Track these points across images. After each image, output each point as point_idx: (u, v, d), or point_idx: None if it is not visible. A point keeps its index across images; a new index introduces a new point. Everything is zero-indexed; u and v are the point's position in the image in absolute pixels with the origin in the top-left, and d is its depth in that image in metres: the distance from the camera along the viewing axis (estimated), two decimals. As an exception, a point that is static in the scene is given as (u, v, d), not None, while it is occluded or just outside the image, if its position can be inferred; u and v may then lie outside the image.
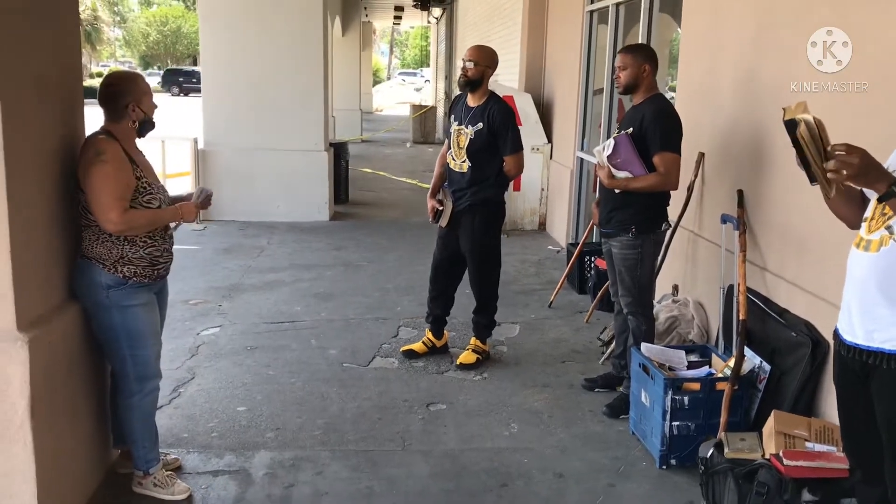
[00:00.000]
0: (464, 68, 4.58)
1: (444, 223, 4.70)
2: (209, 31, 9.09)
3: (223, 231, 8.55)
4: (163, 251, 3.16)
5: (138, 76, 3.19)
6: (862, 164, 2.10)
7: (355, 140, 18.97)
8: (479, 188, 4.59)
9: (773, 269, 3.86)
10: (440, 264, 4.88)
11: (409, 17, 28.76)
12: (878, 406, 2.39)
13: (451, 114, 4.81)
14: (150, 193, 3.08)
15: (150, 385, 3.19)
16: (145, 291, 3.11)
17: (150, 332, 3.13)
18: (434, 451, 3.73)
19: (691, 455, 3.48)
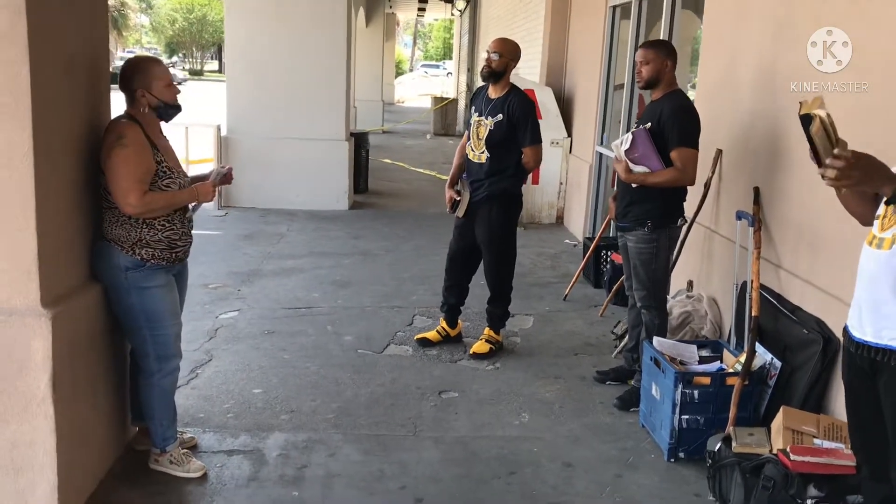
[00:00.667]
0: (488, 59, 4.61)
1: (461, 213, 4.74)
2: (234, 20, 9.19)
3: (244, 217, 8.64)
4: (181, 234, 3.21)
5: (151, 61, 3.20)
6: (864, 171, 2.11)
7: (376, 131, 19.04)
8: (496, 179, 4.62)
9: (787, 267, 3.87)
10: (456, 254, 4.93)
11: (432, 10, 28.74)
12: (885, 403, 2.41)
13: (471, 105, 4.85)
14: (169, 177, 3.14)
15: (170, 365, 3.26)
16: (163, 273, 3.17)
17: (168, 313, 3.20)
18: (445, 438, 3.78)
19: (699, 449, 3.51)
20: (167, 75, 3.18)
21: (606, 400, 4.26)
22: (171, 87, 3.17)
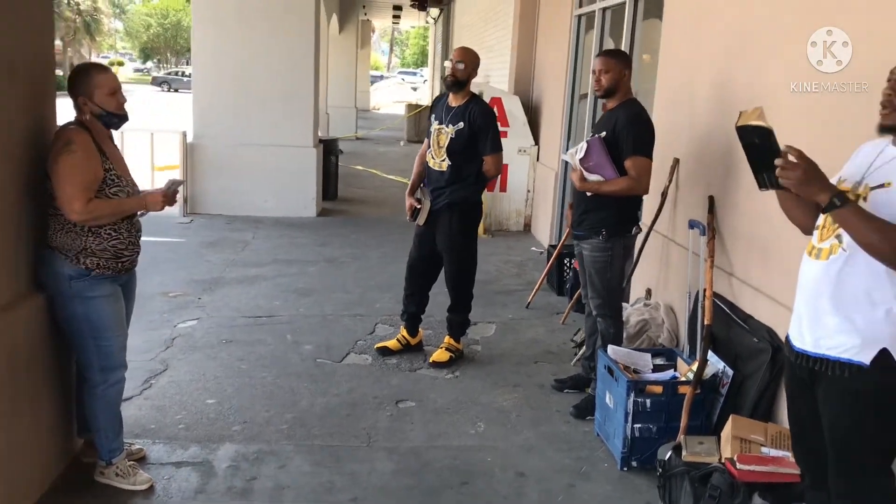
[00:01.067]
0: (453, 68, 4.62)
1: (422, 221, 4.73)
2: (201, 26, 9.13)
3: (209, 224, 8.57)
4: (128, 244, 3.16)
5: (94, 69, 3.15)
6: (805, 175, 2.13)
7: (349, 137, 19.00)
8: (457, 187, 4.63)
9: (739, 275, 3.90)
10: (416, 262, 4.91)
11: (407, 17, 28.81)
12: (823, 412, 2.43)
13: (431, 113, 4.85)
14: (117, 185, 3.10)
15: (115, 376, 3.21)
16: (109, 283, 3.12)
17: (113, 324, 3.15)
18: (399, 448, 3.75)
19: (652, 457, 3.52)
20: (111, 83, 3.11)
21: (563, 408, 4.26)
22: (116, 95, 3.12)
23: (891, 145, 2.33)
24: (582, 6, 7.63)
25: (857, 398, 2.30)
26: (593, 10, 7.10)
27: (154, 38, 61.73)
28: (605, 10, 6.84)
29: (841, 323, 2.31)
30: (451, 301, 4.92)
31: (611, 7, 6.72)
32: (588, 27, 7.53)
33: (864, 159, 2.41)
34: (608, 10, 6.81)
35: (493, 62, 12.16)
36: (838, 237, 2.32)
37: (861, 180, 2.35)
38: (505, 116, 8.81)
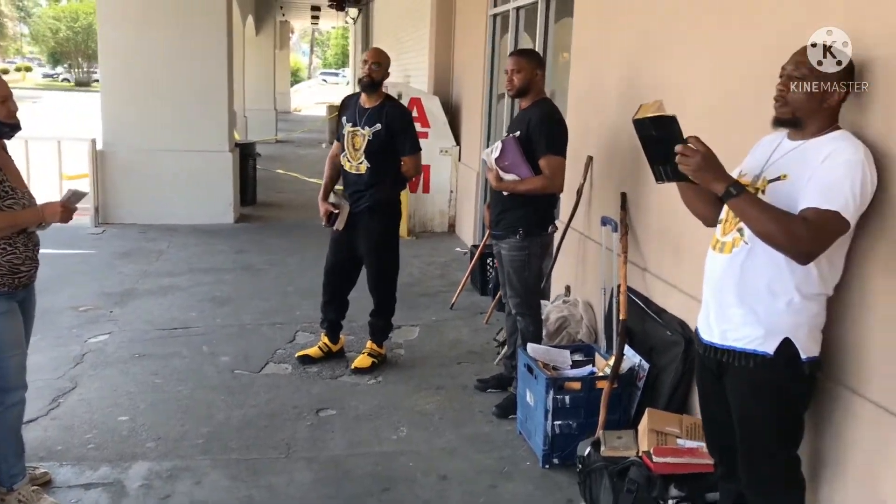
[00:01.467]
0: (369, 69, 4.55)
1: (342, 226, 4.65)
2: (108, 28, 8.80)
3: (122, 234, 8.28)
4: (24, 259, 3.01)
5: None
6: (703, 162, 2.17)
7: (269, 140, 18.70)
8: (377, 189, 4.57)
9: (652, 270, 3.96)
10: (334, 268, 4.83)
11: (326, 18, 28.52)
12: (731, 402, 2.48)
13: (342, 115, 4.76)
14: (11, 198, 2.95)
15: (12, 397, 3.05)
16: (4, 300, 2.97)
17: (9, 343, 2.99)
18: (319, 458, 3.68)
19: (573, 454, 3.54)
20: (1, 91, 2.96)
21: (486, 409, 4.26)
22: (6, 103, 2.97)
23: (787, 139, 2.39)
24: (497, 6, 7.67)
25: (763, 388, 2.36)
26: (507, 10, 7.14)
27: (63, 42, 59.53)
28: (519, 9, 6.89)
29: (745, 315, 2.36)
30: (374, 305, 4.86)
31: (524, 6, 6.77)
32: (504, 27, 7.57)
33: (762, 153, 2.48)
34: (522, 9, 6.86)
35: (413, 63, 12.14)
36: (740, 230, 2.38)
37: (760, 174, 2.41)
38: (425, 117, 8.80)
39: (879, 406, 2.33)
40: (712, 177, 2.20)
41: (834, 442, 2.51)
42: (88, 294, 6.10)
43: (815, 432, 2.55)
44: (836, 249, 2.25)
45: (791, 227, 2.13)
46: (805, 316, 2.29)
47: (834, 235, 2.17)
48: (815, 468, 2.58)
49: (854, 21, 2.40)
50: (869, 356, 2.37)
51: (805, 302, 2.28)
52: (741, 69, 3.14)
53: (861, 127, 2.35)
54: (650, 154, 2.30)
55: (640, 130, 2.27)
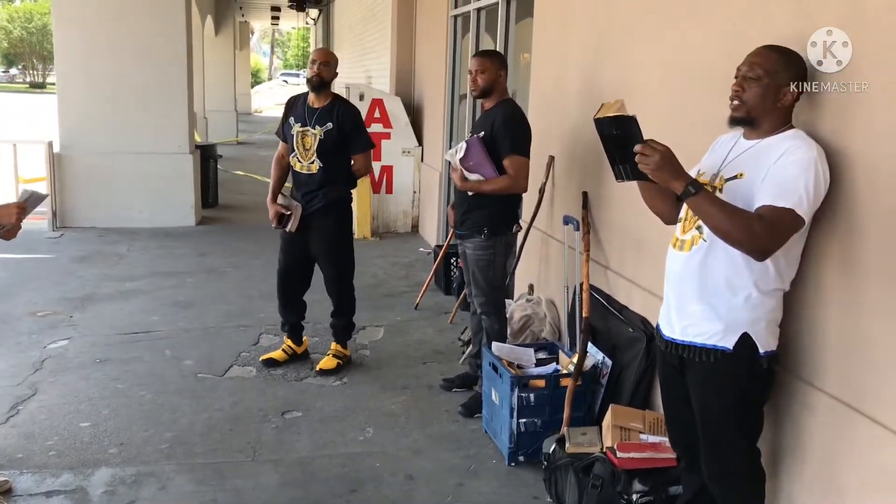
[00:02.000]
0: (318, 70, 4.53)
1: (294, 227, 4.62)
2: (64, 28, 8.66)
3: (81, 238, 8.15)
4: None
5: None
6: (662, 160, 2.21)
7: (230, 142, 18.53)
8: (330, 189, 4.56)
9: (614, 268, 4.02)
10: (288, 270, 4.79)
11: (286, 18, 28.37)
12: (693, 397, 2.53)
13: (289, 116, 4.71)
14: None
15: None
16: None
17: None
18: (285, 460, 3.67)
19: (539, 451, 3.57)
20: None
21: (452, 408, 4.28)
22: None
23: (742, 138, 2.45)
24: (457, 6, 7.70)
25: (723, 382, 2.42)
26: (469, 11, 7.18)
27: (18, 42, 58.29)
28: (480, 10, 6.93)
29: (705, 311, 2.41)
30: (333, 307, 4.84)
31: (485, 7, 6.81)
32: (465, 27, 7.60)
33: (719, 152, 2.53)
34: (482, 10, 6.90)
35: (374, 63, 12.13)
36: (699, 228, 2.43)
37: (717, 172, 2.46)
38: (387, 117, 8.80)
39: (835, 398, 2.39)
40: (671, 175, 2.24)
41: (792, 434, 2.58)
42: (47, 299, 5.99)
43: (774, 425, 2.62)
44: (792, 245, 2.30)
45: (747, 225, 2.18)
46: (763, 311, 2.34)
47: (789, 232, 2.22)
48: (775, 460, 2.64)
49: (803, 20, 2.47)
50: (824, 349, 2.43)
51: (763, 297, 2.33)
52: (695, 70, 3.20)
53: (814, 125, 2.42)
54: (610, 153, 2.34)
55: (601, 129, 2.30)
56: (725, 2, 3.01)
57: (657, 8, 3.56)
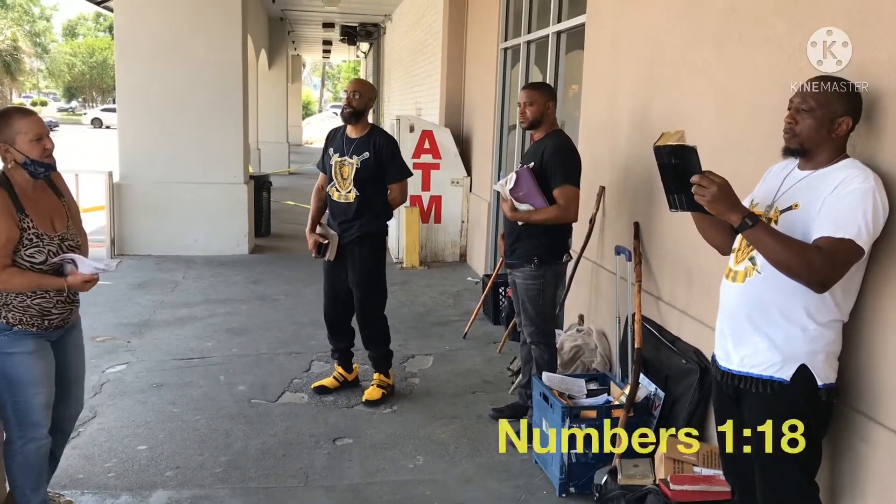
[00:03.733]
0: (349, 99, 4.62)
1: (332, 256, 4.69)
2: (126, 63, 8.98)
3: (138, 265, 8.38)
4: (56, 303, 3.01)
5: (16, 113, 2.98)
6: (719, 192, 2.22)
7: (282, 172, 18.87)
8: (367, 219, 4.63)
9: (666, 299, 4.00)
10: (333, 298, 4.85)
11: (338, 52, 28.92)
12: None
13: (328, 147, 4.79)
14: (35, 246, 2.91)
15: (32, 433, 3.03)
16: (32, 340, 2.97)
17: (34, 381, 2.98)
18: (337, 486, 3.71)
19: (590, 483, 3.55)
20: (36, 128, 2.91)
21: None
22: (41, 142, 2.91)
23: (797, 168, 2.44)
24: (507, 39, 7.79)
25: (780, 413, 2.38)
26: (518, 44, 7.26)
27: (79, 76, 60.52)
28: (530, 42, 7.00)
29: (761, 342, 2.39)
30: (367, 337, 4.82)
31: (535, 40, 6.89)
32: (514, 59, 7.68)
33: (772, 182, 2.52)
34: (532, 43, 6.97)
35: (424, 95, 12.29)
36: (752, 259, 2.42)
37: (772, 203, 2.45)
38: (437, 148, 8.91)
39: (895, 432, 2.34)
40: (727, 208, 2.24)
41: (851, 468, 2.53)
42: (106, 325, 6.17)
43: (833, 459, 2.57)
44: (851, 276, 2.28)
45: (806, 257, 2.17)
46: (821, 343, 2.32)
47: (848, 263, 2.21)
48: (833, 495, 2.59)
49: (861, 52, 2.46)
50: (885, 382, 2.39)
51: (821, 329, 2.31)
52: (748, 99, 3.20)
53: (871, 155, 2.40)
54: (667, 182, 2.35)
55: (660, 158, 2.32)
56: (778, 33, 3.02)
57: (709, 38, 3.58)
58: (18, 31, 47.14)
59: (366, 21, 19.92)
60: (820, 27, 2.65)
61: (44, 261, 2.95)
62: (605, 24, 4.90)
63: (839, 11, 2.63)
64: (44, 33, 62.55)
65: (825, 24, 2.66)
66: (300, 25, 21.62)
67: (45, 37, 63.04)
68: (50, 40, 64.16)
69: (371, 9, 17.40)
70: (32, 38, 55.16)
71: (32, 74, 56.83)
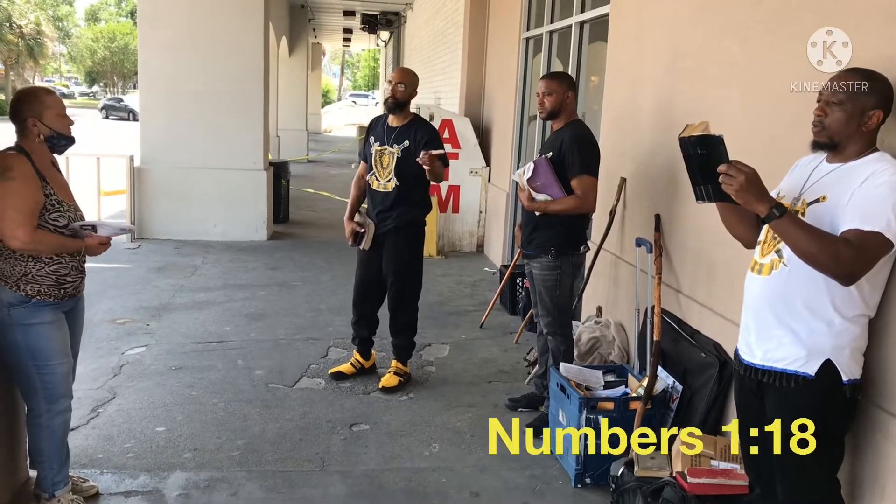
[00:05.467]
0: (393, 90, 4.62)
1: (368, 245, 4.71)
2: (148, 49, 9.03)
3: (157, 249, 8.44)
4: (70, 269, 3.09)
5: (41, 91, 3.13)
6: (747, 182, 2.20)
7: (301, 160, 18.91)
8: (405, 209, 4.64)
9: (686, 292, 3.97)
10: (363, 286, 4.88)
11: (358, 40, 28.92)
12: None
13: (369, 136, 4.82)
14: (57, 211, 3.03)
15: (60, 405, 3.12)
16: (50, 310, 3.05)
17: (56, 351, 3.07)
18: (353, 472, 3.72)
19: (605, 474, 3.55)
20: (60, 105, 3.10)
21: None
22: (65, 117, 3.10)
23: (825, 161, 2.42)
24: (529, 29, 7.75)
25: (803, 409, 2.36)
26: (541, 34, 7.22)
27: (101, 61, 60.87)
28: (552, 33, 6.97)
29: (786, 336, 2.37)
30: (396, 325, 4.86)
31: (557, 30, 6.85)
32: (536, 50, 7.65)
33: (800, 174, 2.50)
34: (555, 33, 6.93)
35: (444, 84, 12.27)
36: (778, 252, 2.40)
37: (799, 196, 2.43)
38: (456, 138, 8.89)
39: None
40: (755, 198, 2.21)
41: (873, 465, 2.50)
42: (125, 307, 6.22)
43: (855, 455, 2.55)
44: (878, 270, 2.25)
45: (834, 249, 2.15)
46: (847, 338, 2.29)
47: (876, 256, 2.18)
48: (854, 491, 2.57)
49: (892, 45, 2.43)
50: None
51: (847, 324, 2.29)
52: (775, 91, 3.17)
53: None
54: (693, 173, 2.33)
55: (685, 149, 2.30)
56: (806, 26, 2.98)
57: (734, 30, 3.54)
58: (42, 16, 47.44)
59: (386, 10, 19.92)
60: (849, 20, 2.62)
61: (66, 225, 3.06)
62: (629, 14, 4.86)
63: (870, 3, 2.60)
64: (67, 18, 62.92)
65: (854, 16, 2.63)
66: (321, 13, 21.64)
67: (68, 21, 63.40)
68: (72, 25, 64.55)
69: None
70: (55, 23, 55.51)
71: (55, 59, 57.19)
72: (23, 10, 44.83)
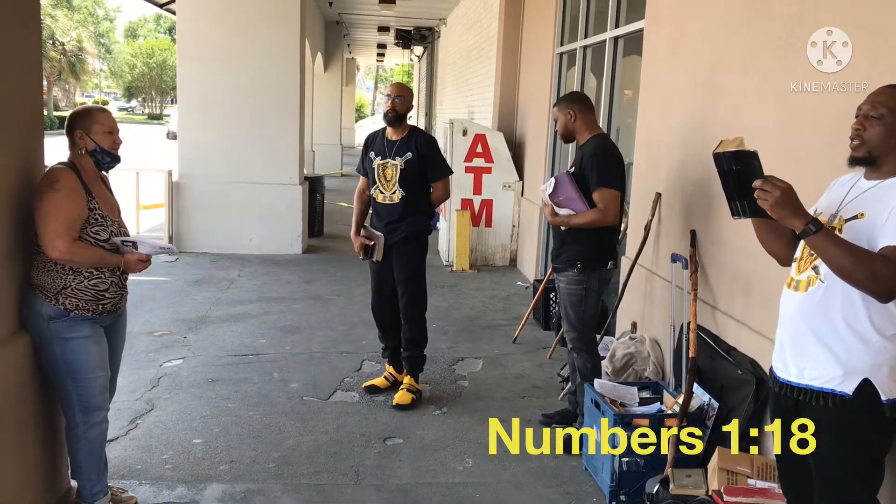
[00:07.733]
0: (392, 104, 4.69)
1: (380, 257, 4.75)
2: (186, 65, 9.20)
3: (195, 263, 8.56)
4: (110, 284, 3.13)
5: (95, 108, 3.24)
6: (783, 197, 2.18)
7: (335, 174, 19.08)
8: (413, 220, 4.70)
9: (722, 308, 3.94)
10: (380, 298, 4.92)
11: (391, 55, 29.16)
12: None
13: (369, 150, 4.86)
14: (100, 225, 3.09)
15: (95, 417, 3.16)
16: (88, 325, 3.09)
17: (93, 365, 3.10)
18: (387, 486, 3.74)
19: (640, 491, 3.53)
20: (111, 123, 3.17)
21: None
22: (113, 135, 3.16)
23: (863, 178, 2.39)
24: (563, 44, 7.77)
25: (842, 429, 2.33)
26: (574, 49, 7.23)
27: (139, 77, 62.05)
28: (586, 48, 6.97)
29: (823, 353, 2.34)
30: (407, 336, 4.85)
31: (591, 45, 6.85)
32: (570, 64, 7.66)
33: (837, 192, 2.47)
34: (589, 48, 6.94)
35: (478, 99, 12.32)
36: (815, 269, 2.37)
37: (836, 213, 2.40)
38: (489, 152, 8.93)
39: (962, 451, 2.28)
40: (791, 213, 2.20)
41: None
42: (163, 320, 6.32)
43: (893, 474, 2.51)
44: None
45: (872, 266, 2.12)
46: (885, 356, 2.26)
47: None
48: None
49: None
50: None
51: (885, 342, 2.25)
52: (812, 107, 3.14)
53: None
54: (728, 189, 2.32)
55: (720, 165, 2.30)
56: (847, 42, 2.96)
57: (772, 45, 3.52)
58: (84, 33, 48.53)
59: (420, 25, 20.04)
60: (890, 36, 2.60)
61: (107, 239, 3.12)
62: (665, 30, 4.85)
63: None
64: (107, 34, 64.25)
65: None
66: (356, 29, 21.85)
67: (109, 38, 64.73)
68: (113, 41, 65.87)
69: (426, 12, 17.50)
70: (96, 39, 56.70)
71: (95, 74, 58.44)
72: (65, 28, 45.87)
